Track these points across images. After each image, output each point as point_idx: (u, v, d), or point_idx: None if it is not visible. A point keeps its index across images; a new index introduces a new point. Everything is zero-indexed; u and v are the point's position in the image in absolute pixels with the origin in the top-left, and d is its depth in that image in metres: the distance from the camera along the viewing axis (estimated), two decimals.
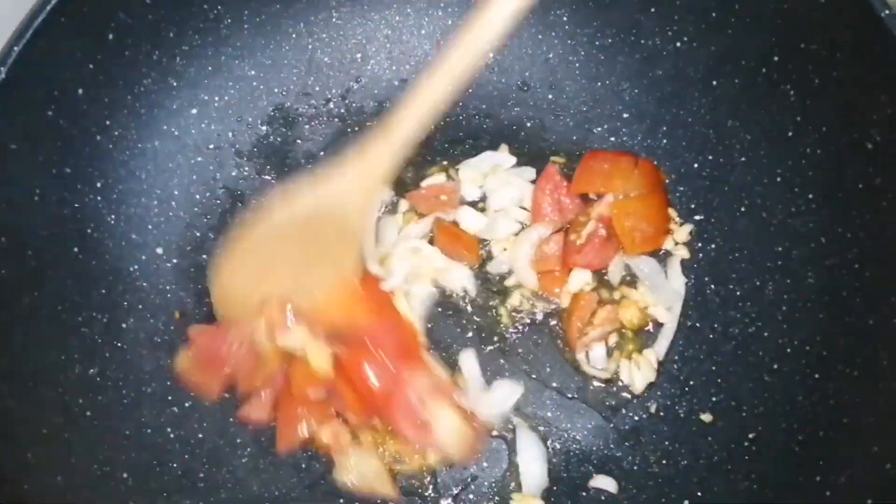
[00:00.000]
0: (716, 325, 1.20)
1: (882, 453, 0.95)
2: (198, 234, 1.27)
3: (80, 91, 1.15)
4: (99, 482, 1.08)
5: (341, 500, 1.16)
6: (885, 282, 1.05)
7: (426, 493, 1.15)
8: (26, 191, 1.11)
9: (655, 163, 1.27)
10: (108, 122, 1.20)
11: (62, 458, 1.06)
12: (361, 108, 1.36)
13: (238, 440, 1.18)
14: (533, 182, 1.29)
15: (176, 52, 1.24)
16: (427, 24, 1.36)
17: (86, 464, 1.08)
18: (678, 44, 1.23)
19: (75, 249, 1.16)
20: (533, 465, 1.15)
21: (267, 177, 1.32)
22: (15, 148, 1.08)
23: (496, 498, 1.15)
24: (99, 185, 1.19)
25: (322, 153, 1.34)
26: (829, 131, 1.12)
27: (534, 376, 1.21)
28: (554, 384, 1.21)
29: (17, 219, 1.10)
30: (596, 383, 1.21)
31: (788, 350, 1.13)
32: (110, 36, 1.16)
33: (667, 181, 1.27)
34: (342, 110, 1.36)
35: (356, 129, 1.35)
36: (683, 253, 1.24)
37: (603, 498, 1.15)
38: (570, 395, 1.20)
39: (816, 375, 1.09)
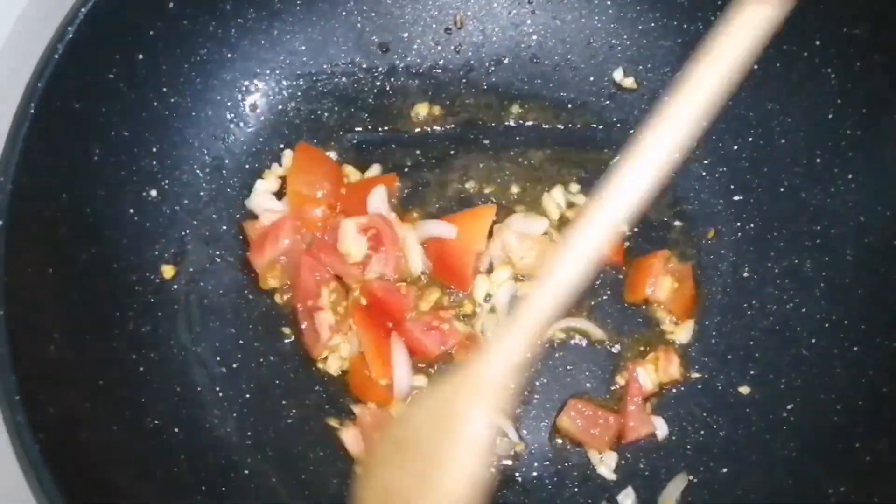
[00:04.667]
0: (754, 302, 1.22)
1: None
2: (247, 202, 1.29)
3: (140, 57, 1.18)
4: (151, 435, 1.10)
5: None
6: None
7: None
8: (87, 151, 1.14)
9: (696, 145, 1.30)
10: (164, 90, 1.23)
11: (117, 411, 1.08)
12: (405, 86, 1.39)
13: (283, 402, 1.20)
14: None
15: (231, 24, 1.27)
16: (472, 5, 1.39)
17: (139, 417, 1.10)
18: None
19: (131, 211, 1.19)
20: None
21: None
22: (78, 108, 1.11)
23: None
24: (154, 150, 1.22)
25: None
26: (869, 113, 1.15)
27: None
28: None
29: (78, 178, 1.13)
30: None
31: (826, 325, 1.15)
32: (171, 4, 1.19)
33: None
34: (387, 88, 1.39)
35: (398, 108, 1.39)
36: None
37: (640, 465, 1.17)
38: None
39: (855, 348, 1.11)
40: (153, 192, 1.22)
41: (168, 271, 1.21)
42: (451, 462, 0.94)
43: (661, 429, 1.18)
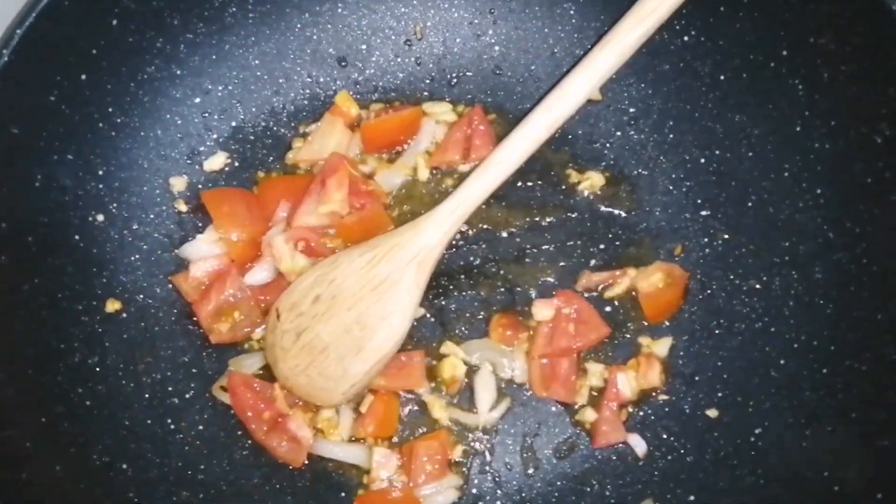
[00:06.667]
0: (722, 321, 1.19)
1: (891, 446, 0.96)
2: (199, 225, 1.25)
3: (83, 77, 1.14)
4: (98, 472, 1.07)
5: (342, 494, 1.15)
6: (892, 276, 1.05)
7: None
8: (27, 177, 1.10)
9: (663, 159, 1.27)
10: (110, 109, 1.18)
11: (62, 448, 1.05)
12: (366, 99, 1.35)
13: (239, 432, 1.16)
14: None
15: (180, 39, 1.23)
16: (433, 16, 1.34)
17: (85, 454, 1.07)
18: (686, 38, 1.22)
19: (76, 237, 1.15)
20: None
21: (270, 169, 1.30)
22: (17, 133, 1.07)
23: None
24: (101, 172, 1.18)
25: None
26: (838, 125, 1.12)
27: None
28: None
29: (18, 205, 1.09)
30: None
31: (795, 345, 1.12)
32: (114, 22, 1.15)
33: None
34: None
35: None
36: None
37: (607, 493, 1.14)
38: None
39: (824, 370, 1.09)
40: (100, 217, 1.18)
41: (112, 305, 1.16)
42: (379, 319, 1.12)
43: (639, 446, 1.16)
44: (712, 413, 1.15)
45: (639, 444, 1.15)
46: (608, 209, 1.28)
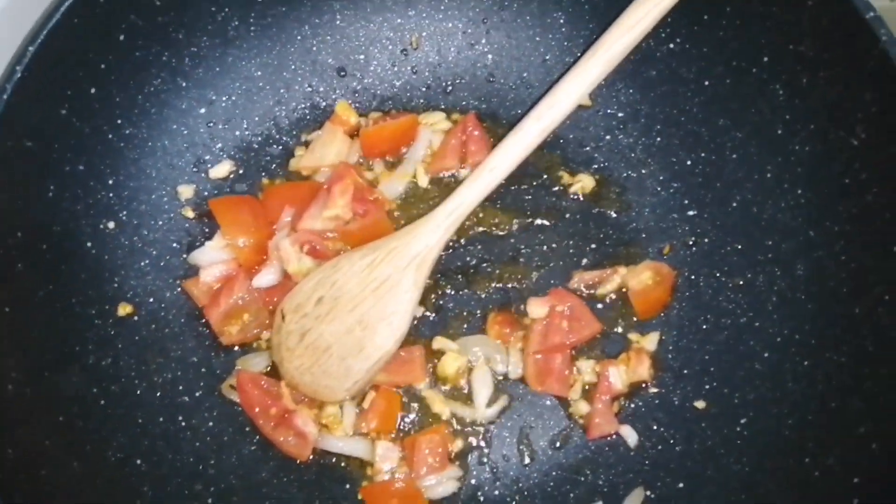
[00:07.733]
0: (708, 316, 1.24)
1: (868, 434, 1.00)
2: (206, 231, 1.30)
3: (93, 90, 1.18)
4: (114, 468, 1.11)
5: (347, 486, 1.20)
6: (869, 272, 1.09)
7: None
8: (41, 187, 1.15)
9: (650, 161, 1.32)
10: (119, 121, 1.23)
11: (78, 445, 1.09)
12: (365, 107, 1.40)
13: (247, 428, 1.21)
14: None
15: (184, 53, 1.28)
16: (428, 26, 1.39)
17: (101, 451, 1.11)
18: (671, 45, 1.27)
19: (88, 244, 1.20)
20: None
21: (273, 176, 1.35)
22: (30, 146, 1.12)
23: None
24: (111, 182, 1.23)
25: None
26: (817, 129, 1.16)
27: None
28: None
29: (33, 214, 1.14)
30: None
31: (778, 339, 1.17)
32: (121, 37, 1.19)
33: None
34: None
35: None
36: None
37: (600, 482, 1.19)
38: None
39: (805, 363, 1.13)
40: (111, 225, 1.22)
41: (124, 308, 1.21)
42: (379, 319, 1.18)
43: (630, 437, 1.21)
44: (700, 404, 1.20)
45: (630, 435, 1.20)
46: (599, 210, 1.33)
